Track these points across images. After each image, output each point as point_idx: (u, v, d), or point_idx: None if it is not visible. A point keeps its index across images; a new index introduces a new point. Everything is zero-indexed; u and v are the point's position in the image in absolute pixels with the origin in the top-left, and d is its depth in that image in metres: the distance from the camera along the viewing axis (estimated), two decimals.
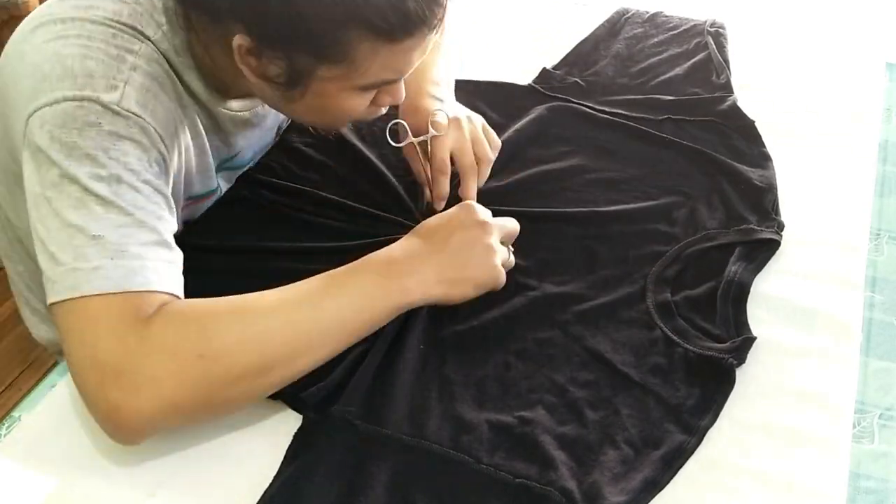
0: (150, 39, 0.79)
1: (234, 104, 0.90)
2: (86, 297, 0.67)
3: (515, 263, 0.89)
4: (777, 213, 0.99)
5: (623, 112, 1.14)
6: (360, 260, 0.80)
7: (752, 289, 0.89)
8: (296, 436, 0.75)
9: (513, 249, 0.88)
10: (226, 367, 0.69)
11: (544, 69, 1.23)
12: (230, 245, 0.93)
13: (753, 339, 0.83)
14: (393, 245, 0.82)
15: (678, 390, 0.79)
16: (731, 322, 0.85)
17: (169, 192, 0.78)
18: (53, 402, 0.79)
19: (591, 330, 0.85)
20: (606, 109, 1.15)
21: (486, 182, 0.98)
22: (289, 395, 0.78)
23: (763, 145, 1.09)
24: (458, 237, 0.82)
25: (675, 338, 0.84)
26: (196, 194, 0.94)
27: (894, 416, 0.79)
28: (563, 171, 1.04)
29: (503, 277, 0.85)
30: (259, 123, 0.96)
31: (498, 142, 0.98)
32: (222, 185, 0.99)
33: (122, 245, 0.70)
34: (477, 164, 0.94)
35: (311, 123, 0.91)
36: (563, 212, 0.99)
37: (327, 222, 0.96)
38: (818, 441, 0.76)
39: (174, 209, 0.79)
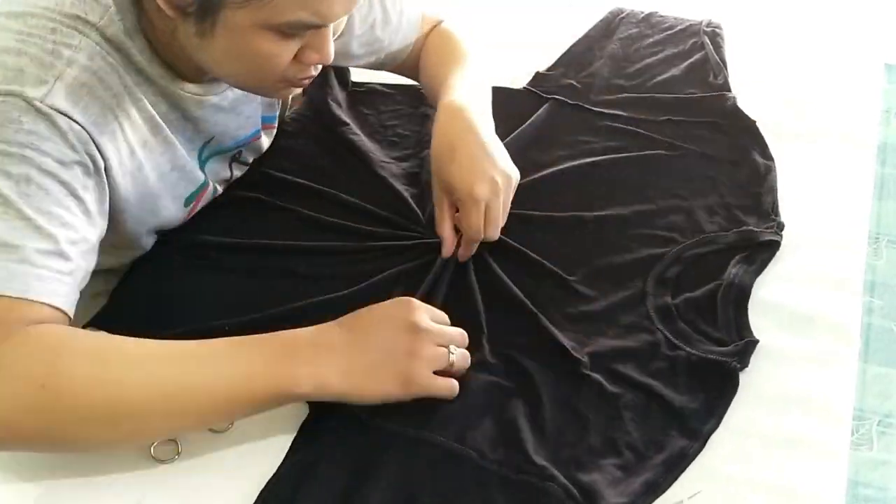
0: (95, 26, 0.75)
1: (198, 89, 0.86)
2: None
3: (514, 268, 0.89)
4: (777, 213, 0.98)
5: (622, 113, 1.13)
6: (261, 335, 0.74)
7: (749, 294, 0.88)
8: (301, 428, 0.76)
9: (467, 354, 0.79)
10: (68, 404, 0.66)
11: (538, 73, 1.22)
12: (231, 243, 0.94)
13: (756, 342, 0.83)
14: (308, 328, 0.75)
15: (681, 395, 0.79)
16: (732, 325, 0.85)
17: (94, 195, 0.75)
18: None
19: (592, 334, 0.84)
20: (606, 111, 1.14)
21: None
22: None
23: (765, 145, 1.08)
24: (380, 334, 0.75)
25: (676, 342, 0.83)
26: (188, 195, 0.92)
27: (893, 423, 0.78)
28: (561, 175, 1.04)
29: (439, 384, 0.76)
30: (233, 108, 0.92)
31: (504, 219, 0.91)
32: (210, 176, 0.96)
33: (11, 247, 0.67)
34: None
35: (235, 76, 0.84)
36: (561, 216, 0.98)
37: (332, 221, 0.96)
38: (816, 448, 0.76)
39: (94, 215, 0.75)
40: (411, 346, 0.74)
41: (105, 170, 0.77)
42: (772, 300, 0.89)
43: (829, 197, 1.02)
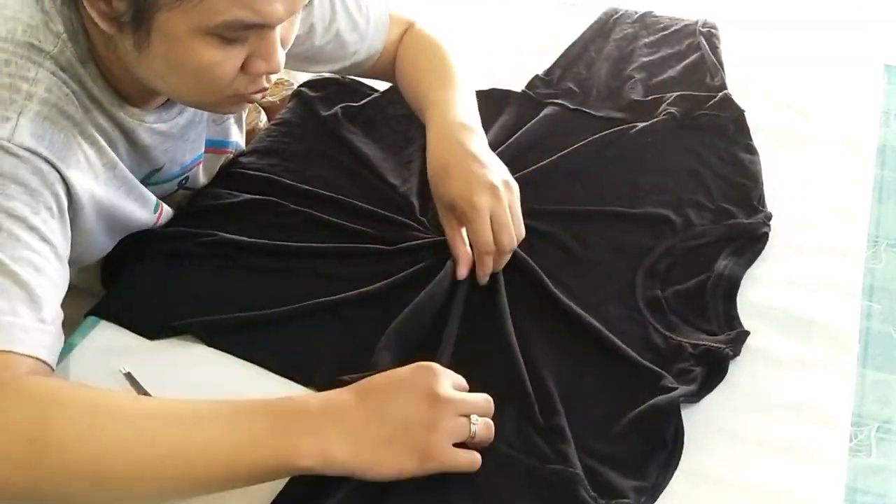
0: (49, 54, 0.73)
1: (149, 117, 0.84)
2: None
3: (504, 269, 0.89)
4: (763, 205, 0.99)
5: (618, 115, 1.13)
6: (269, 399, 0.69)
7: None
8: None
9: (490, 423, 0.73)
10: (55, 461, 0.62)
11: (536, 76, 1.21)
12: (229, 240, 0.93)
13: (747, 333, 0.83)
14: (320, 395, 0.71)
15: (675, 383, 0.79)
16: (721, 317, 0.85)
17: (61, 237, 0.73)
18: None
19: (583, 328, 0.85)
20: (602, 115, 1.14)
21: None
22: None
23: (749, 138, 1.08)
24: (397, 404, 0.69)
25: (667, 333, 0.83)
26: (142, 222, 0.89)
27: (892, 429, 0.77)
28: (547, 172, 1.03)
29: (459, 458, 0.70)
30: (181, 136, 0.90)
31: (522, 230, 0.88)
32: (158, 194, 0.92)
33: None
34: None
35: (180, 90, 0.79)
36: (551, 209, 0.98)
37: (328, 219, 0.96)
38: (814, 454, 0.75)
39: (63, 257, 0.73)
40: (430, 418, 0.69)
41: (71, 201, 0.75)
42: (770, 303, 0.88)
43: (828, 199, 1.02)
